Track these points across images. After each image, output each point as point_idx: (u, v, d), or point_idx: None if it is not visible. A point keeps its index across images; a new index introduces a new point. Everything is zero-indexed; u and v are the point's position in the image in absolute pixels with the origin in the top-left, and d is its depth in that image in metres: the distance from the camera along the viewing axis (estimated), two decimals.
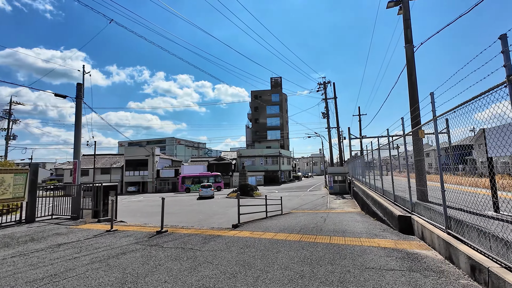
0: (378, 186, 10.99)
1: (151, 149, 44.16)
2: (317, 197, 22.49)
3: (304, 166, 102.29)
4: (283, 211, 13.13)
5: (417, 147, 6.84)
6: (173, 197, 30.30)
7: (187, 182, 38.04)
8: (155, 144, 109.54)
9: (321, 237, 5.40)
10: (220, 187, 37.32)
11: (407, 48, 7.51)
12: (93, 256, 4.30)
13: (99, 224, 7.76)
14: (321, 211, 14.02)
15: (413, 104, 7.36)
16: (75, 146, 10.20)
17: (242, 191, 25.47)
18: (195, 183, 37.71)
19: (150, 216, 16.01)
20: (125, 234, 6.09)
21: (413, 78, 7.39)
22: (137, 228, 7.14)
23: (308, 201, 19.56)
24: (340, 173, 25.67)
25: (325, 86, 31.48)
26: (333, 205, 16.84)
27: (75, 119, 10.26)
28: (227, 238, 5.42)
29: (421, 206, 5.57)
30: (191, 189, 37.36)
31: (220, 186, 37.27)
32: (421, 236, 5.02)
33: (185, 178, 38.90)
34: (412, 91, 7.42)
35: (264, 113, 62.74)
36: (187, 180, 38.35)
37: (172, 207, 20.37)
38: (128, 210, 19.69)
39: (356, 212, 13.15)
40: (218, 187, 36.77)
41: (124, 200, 30.04)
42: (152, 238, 5.57)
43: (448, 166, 4.53)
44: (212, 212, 16.49)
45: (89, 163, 45.99)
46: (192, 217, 14.52)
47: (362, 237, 5.42)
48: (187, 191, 36.97)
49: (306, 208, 15.39)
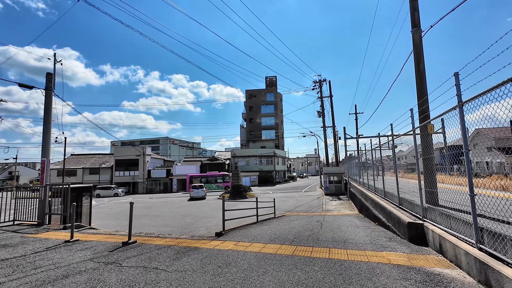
0: (378, 187, 10.17)
1: (142, 148, 42.84)
2: (313, 198, 21.67)
3: (299, 166, 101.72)
4: (277, 214, 12.23)
5: (426, 143, 6.01)
6: (163, 198, 29.17)
7: (195, 181, 37.00)
8: (149, 144, 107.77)
9: (319, 250, 4.50)
10: (229, 187, 36.48)
11: (414, 33, 6.68)
12: (23, 281, 3.32)
13: (63, 232, 6.74)
14: (317, 213, 13.17)
15: (421, 96, 6.54)
16: (44, 143, 9.11)
17: (235, 192, 24.53)
18: (204, 183, 36.82)
19: (134, 219, 14.91)
20: (85, 246, 5.10)
21: (421, 67, 6.56)
22: (104, 237, 6.14)
23: (303, 202, 18.72)
24: (335, 173, 24.91)
25: (320, 84, 30.74)
26: (329, 206, 16.02)
27: (44, 112, 9.18)
28: (205, 251, 4.48)
29: (435, 212, 4.73)
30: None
31: (228, 186, 36.38)
32: (438, 248, 4.16)
33: (192, 178, 37.89)
34: (420, 82, 6.59)
35: (259, 112, 61.84)
36: (195, 180, 37.31)
37: (161, 209, 19.33)
38: (113, 212, 18.56)
39: (354, 214, 12.33)
40: (226, 186, 35.61)
41: (112, 201, 28.79)
42: (114, 252, 4.59)
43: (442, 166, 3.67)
44: (201, 214, 15.51)
45: (78, 163, 44.44)
46: (179, 221, 13.53)
47: (368, 249, 4.55)
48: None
49: (301, 210, 14.53)
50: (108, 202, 27.01)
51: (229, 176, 38.34)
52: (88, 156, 46.50)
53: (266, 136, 61.02)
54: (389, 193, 8.47)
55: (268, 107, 62.32)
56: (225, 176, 38.20)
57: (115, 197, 34.97)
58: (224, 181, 37.30)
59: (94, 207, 22.28)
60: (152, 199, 29.42)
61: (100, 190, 36.82)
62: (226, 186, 35.72)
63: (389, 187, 8.83)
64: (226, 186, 35.72)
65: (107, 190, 36.94)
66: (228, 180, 37.28)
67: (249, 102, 62.77)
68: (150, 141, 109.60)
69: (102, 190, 36.96)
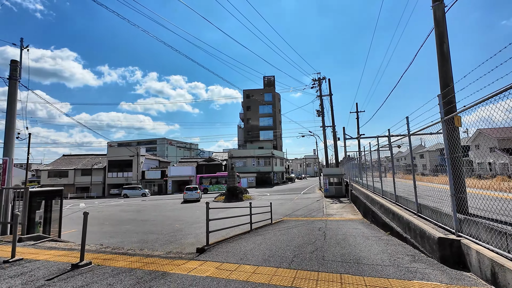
0: (387, 190, 9.09)
1: (136, 149, 41.57)
2: (312, 200, 20.57)
3: (297, 167, 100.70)
4: (274, 219, 11.15)
5: (452, 140, 4.94)
6: (156, 201, 27.93)
7: (205, 182, 35.77)
8: (146, 144, 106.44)
9: (327, 277, 3.39)
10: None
11: (435, 8, 5.62)
12: None
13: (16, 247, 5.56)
14: (318, 218, 12.08)
15: (445, 83, 5.46)
16: (6, 139, 7.94)
17: (231, 194, 23.38)
18: (213, 183, 35.57)
19: (120, 224, 13.77)
20: (23, 269, 3.95)
21: (444, 49, 5.48)
22: (59, 254, 4.97)
23: (302, 205, 17.61)
24: (336, 174, 23.84)
25: (319, 82, 29.72)
26: (330, 210, 14.93)
27: (7, 104, 8.01)
28: (175, 281, 3.36)
29: (477, 225, 3.64)
30: (209, 189, 35.29)
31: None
32: (490, 278, 3.06)
33: (202, 179, 36.70)
34: (444, 67, 5.51)
35: (257, 112, 60.80)
36: (205, 180, 36.10)
37: (151, 212, 18.14)
38: (98, 216, 17.34)
39: (358, 220, 11.25)
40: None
41: (102, 203, 27.53)
42: (53, 280, 3.45)
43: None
44: (193, 219, 14.34)
45: (70, 164, 43.09)
46: (167, 227, 12.37)
47: (391, 275, 3.44)
48: (205, 192, 34.83)
49: (300, 215, 13.43)
50: (97, 205, 25.72)
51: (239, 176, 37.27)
52: (80, 156, 45.15)
53: (264, 136, 59.94)
54: (401, 198, 7.39)
55: (266, 107, 61.30)
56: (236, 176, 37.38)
57: (106, 199, 33.67)
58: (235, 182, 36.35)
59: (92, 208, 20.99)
60: (145, 202, 28.19)
61: (128, 191, 35.57)
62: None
63: (401, 191, 7.75)
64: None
65: (135, 191, 35.72)
66: (239, 181, 36.28)
67: (247, 102, 61.73)
68: (147, 141, 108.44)
69: (130, 190, 35.73)
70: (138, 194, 35.05)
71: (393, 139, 8.07)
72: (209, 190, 35.62)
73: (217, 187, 35.48)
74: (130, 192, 35.22)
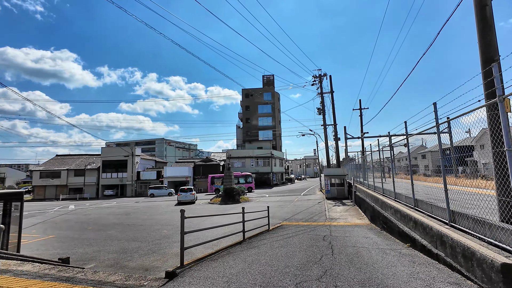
0: (401, 193, 7.90)
1: (131, 148, 40.32)
2: (313, 202, 19.37)
3: (297, 168, 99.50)
4: (272, 224, 9.97)
5: (498, 130, 3.77)
6: (150, 202, 26.69)
7: (217, 182, 34.30)
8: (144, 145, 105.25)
9: None
10: (252, 188, 33.61)
11: None
12: None
13: None
14: (320, 223, 10.89)
15: (487, 61, 4.28)
16: None
17: (227, 195, 22.17)
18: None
19: (103, 229, 12.54)
20: None
21: (487, 13, 4.29)
22: None
23: (302, 208, 16.41)
24: (337, 175, 22.66)
25: (320, 79, 28.55)
26: (334, 213, 13.75)
27: None
28: None
29: None
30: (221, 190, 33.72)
31: (251, 187, 33.38)
32: None
33: (214, 178, 35.24)
34: (486, 37, 4.32)
35: (256, 112, 59.66)
36: (217, 180, 34.63)
37: (141, 215, 16.90)
38: (84, 220, 16.10)
39: (366, 225, 10.06)
40: (249, 188, 32.73)
41: (93, 205, 26.30)
42: None
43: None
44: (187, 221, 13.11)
45: (62, 164, 41.82)
46: (154, 232, 11.17)
47: None
48: (217, 192, 33.38)
49: (301, 219, 12.23)
50: (87, 207, 24.47)
51: (252, 176, 35.69)
52: (74, 157, 43.87)
53: (263, 136, 58.76)
54: (422, 202, 6.20)
55: (265, 106, 60.19)
56: (247, 176, 35.14)
57: (98, 201, 32.41)
58: (247, 182, 33.78)
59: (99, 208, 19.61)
60: (138, 203, 26.98)
61: (154, 190, 34.70)
62: (249, 187, 32.77)
63: (422, 195, 6.56)
64: (249, 187, 32.77)
65: (161, 190, 34.90)
66: (251, 181, 34.47)
67: (246, 101, 60.60)
68: (145, 142, 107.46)
69: (156, 190, 34.87)
70: (165, 194, 34.56)
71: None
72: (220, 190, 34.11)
73: (179, 191, 34.14)
74: (157, 191, 34.66)
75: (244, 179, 34.96)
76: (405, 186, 8.00)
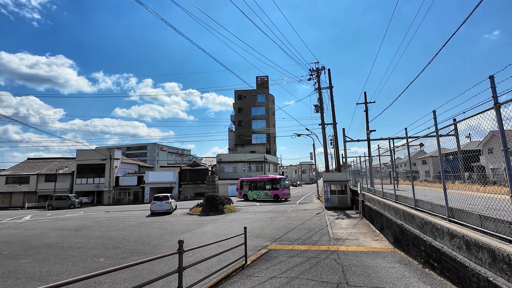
0: (456, 208, 4.65)
1: (109, 151, 36.56)
2: (310, 213, 16.02)
3: (292, 174, 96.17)
4: (256, 248, 6.65)
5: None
6: (120, 212, 22.90)
7: (245, 188, 29.85)
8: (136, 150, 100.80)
9: None
10: (278, 196, 26.33)
11: None
12: None
13: None
14: (323, 247, 7.56)
15: None
16: None
17: (209, 205, 18.66)
18: (252, 189, 28.66)
19: (22, 255, 8.85)
20: None
21: None
22: None
23: (298, 221, 13.04)
24: (339, 180, 19.43)
25: (318, 73, 25.60)
26: (338, 230, 10.43)
27: None
28: None
29: None
30: (248, 195, 28.82)
31: (277, 195, 26.32)
32: None
33: (243, 182, 30.14)
34: None
35: (249, 115, 56.58)
36: (245, 185, 29.75)
37: (93, 232, 13.23)
38: (14, 238, 12.42)
39: (389, 251, 6.74)
40: (276, 195, 26.39)
41: (55, 215, 22.46)
42: None
43: None
44: (141, 244, 9.58)
45: (33, 168, 37.76)
46: (92, 260, 7.66)
47: None
48: (245, 198, 28.93)
49: (296, 239, 8.87)
50: (49, 216, 20.64)
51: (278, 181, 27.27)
52: (47, 160, 39.85)
53: (256, 140, 55.51)
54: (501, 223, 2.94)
55: (259, 109, 57.21)
56: (275, 180, 27.38)
57: (70, 210, 28.47)
58: (273, 188, 26.88)
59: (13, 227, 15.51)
60: (108, 213, 23.27)
61: (54, 201, 30.42)
62: (275, 195, 26.46)
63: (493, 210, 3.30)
64: (275, 195, 26.46)
65: (61, 201, 30.53)
66: (278, 188, 26.56)
67: (239, 103, 57.55)
68: (137, 147, 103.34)
69: (56, 201, 30.56)
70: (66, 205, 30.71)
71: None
72: (248, 196, 29.05)
73: (256, 193, 28.32)
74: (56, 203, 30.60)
75: (270, 184, 27.41)
76: (457, 198, 4.80)
